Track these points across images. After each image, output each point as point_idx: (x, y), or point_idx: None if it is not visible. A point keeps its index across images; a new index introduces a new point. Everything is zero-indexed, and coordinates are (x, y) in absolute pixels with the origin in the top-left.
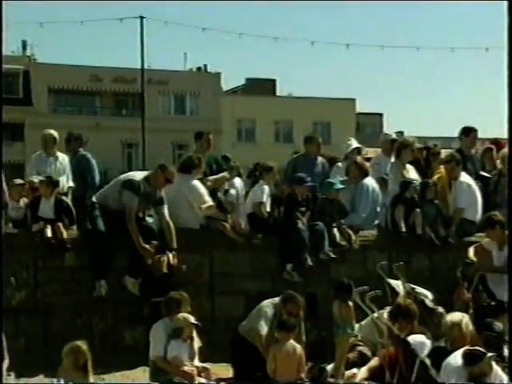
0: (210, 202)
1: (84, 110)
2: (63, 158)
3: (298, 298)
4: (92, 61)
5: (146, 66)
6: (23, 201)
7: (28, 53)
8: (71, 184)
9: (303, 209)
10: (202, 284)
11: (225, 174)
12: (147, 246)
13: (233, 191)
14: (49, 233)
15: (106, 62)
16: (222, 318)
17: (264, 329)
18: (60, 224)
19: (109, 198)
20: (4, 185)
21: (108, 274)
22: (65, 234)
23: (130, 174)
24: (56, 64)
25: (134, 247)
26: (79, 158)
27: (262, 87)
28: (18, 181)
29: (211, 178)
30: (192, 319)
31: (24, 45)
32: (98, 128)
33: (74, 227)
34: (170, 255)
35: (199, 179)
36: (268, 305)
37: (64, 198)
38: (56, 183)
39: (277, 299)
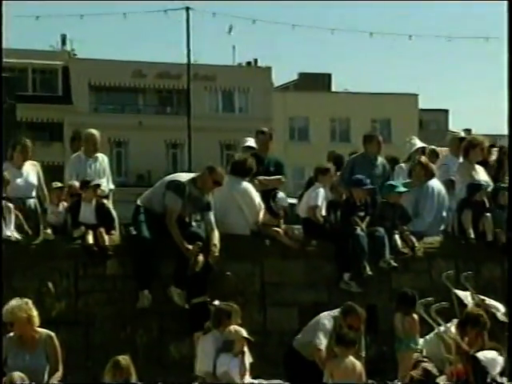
0: (261, 207)
1: (126, 108)
2: (103, 159)
3: (359, 311)
4: (135, 55)
5: (192, 61)
6: (63, 205)
7: (68, 48)
8: (112, 186)
9: (362, 213)
10: (252, 294)
11: (281, 176)
12: (190, 247)
13: (282, 194)
14: (90, 239)
15: (150, 57)
16: (275, 331)
17: (323, 343)
18: (102, 229)
19: (153, 201)
20: (45, 189)
21: (153, 284)
22: (107, 240)
23: (176, 175)
24: (97, 59)
25: (180, 254)
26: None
27: (316, 82)
28: (58, 184)
29: (262, 178)
30: (243, 332)
31: (63, 39)
32: (141, 127)
33: (116, 232)
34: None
35: (250, 180)
36: (327, 317)
37: (105, 201)
38: (97, 186)
39: (336, 311)
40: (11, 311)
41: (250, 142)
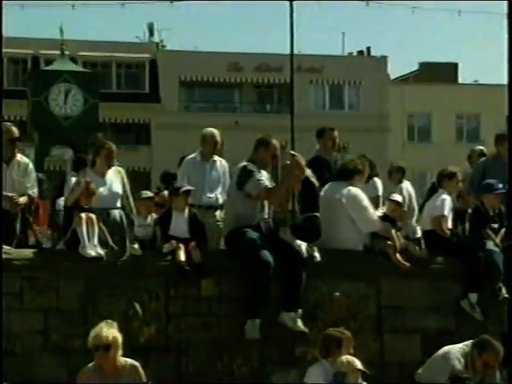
0: (375, 216)
1: (220, 106)
2: (221, 164)
3: (496, 346)
4: (231, 46)
5: (295, 51)
6: (151, 217)
7: (155, 39)
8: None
9: (495, 225)
10: (367, 319)
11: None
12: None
13: (398, 197)
14: (182, 255)
15: (248, 48)
16: (394, 362)
17: None
18: (194, 244)
19: (247, 213)
20: (131, 198)
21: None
22: (200, 257)
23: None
24: (188, 51)
25: (292, 274)
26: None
27: (439, 73)
28: (147, 193)
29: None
30: (357, 363)
31: (151, 29)
32: (238, 127)
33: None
34: None
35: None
36: (456, 355)
37: (218, 213)
38: (187, 193)
39: (466, 345)
40: (94, 339)
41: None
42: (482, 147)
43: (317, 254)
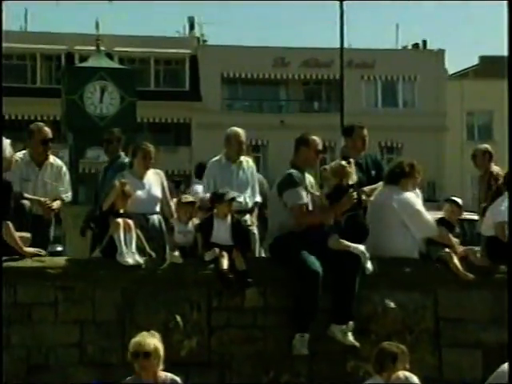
0: (431, 220)
1: (265, 105)
2: (248, 166)
3: None
4: (276, 40)
5: (345, 45)
6: (192, 222)
7: (196, 33)
8: (258, 199)
9: None
10: (424, 332)
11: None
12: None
13: (458, 198)
14: (225, 263)
15: (294, 42)
16: (453, 379)
17: None
18: (238, 252)
19: (284, 223)
20: (171, 203)
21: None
22: (244, 265)
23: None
24: (231, 46)
25: (343, 284)
26: (120, 165)
27: (502, 68)
28: (187, 197)
29: (367, 188)
30: (414, 379)
31: (191, 23)
32: (283, 127)
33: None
34: None
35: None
36: None
37: (248, 217)
38: (231, 200)
39: None
40: (134, 345)
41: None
42: (486, 145)
43: (369, 265)
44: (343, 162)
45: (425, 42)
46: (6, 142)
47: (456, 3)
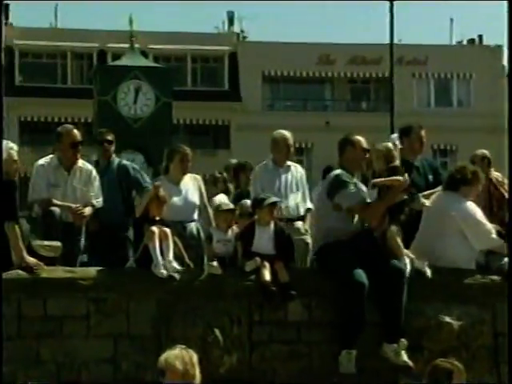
0: (492, 231)
1: (309, 105)
2: (297, 170)
3: None
4: (321, 36)
5: (395, 41)
6: (232, 231)
7: (236, 29)
8: (310, 205)
9: None
10: (481, 348)
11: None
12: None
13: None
14: (267, 274)
15: (340, 37)
16: None
17: None
18: (281, 263)
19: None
20: (209, 209)
21: None
22: (287, 277)
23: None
24: (273, 42)
25: (391, 297)
26: (121, 168)
27: None
28: (227, 204)
29: (425, 193)
30: None
31: (231, 18)
32: (329, 128)
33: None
34: None
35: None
36: None
37: (301, 224)
38: (273, 204)
39: None
40: (165, 358)
41: (395, 140)
42: (484, 150)
43: (427, 269)
44: (389, 145)
45: (481, 38)
46: (11, 146)
47: None
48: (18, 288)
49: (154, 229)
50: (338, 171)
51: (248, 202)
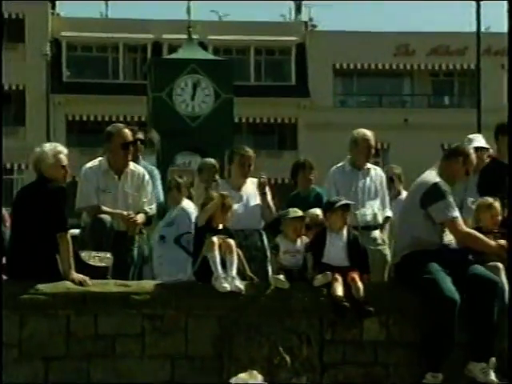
0: None
1: (385, 100)
2: (376, 173)
3: None
4: (398, 25)
5: (482, 29)
6: (301, 240)
7: (304, 17)
8: (389, 213)
9: None
10: None
11: None
12: None
13: None
14: (339, 289)
15: (420, 26)
16: None
17: None
18: (356, 275)
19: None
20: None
21: None
22: (362, 291)
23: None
24: (345, 32)
25: (482, 314)
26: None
27: None
28: (296, 212)
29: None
30: None
31: (298, 6)
32: (407, 126)
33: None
34: None
35: None
36: None
37: (378, 234)
38: (345, 207)
39: None
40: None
41: (479, 141)
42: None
43: None
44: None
45: None
46: (60, 149)
47: None
48: (66, 303)
49: (215, 239)
50: (437, 179)
51: (317, 210)
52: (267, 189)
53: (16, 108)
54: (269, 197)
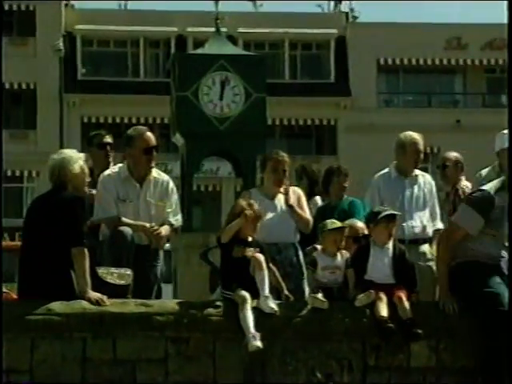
0: None
1: (435, 100)
2: (425, 181)
3: None
4: (449, 16)
5: None
6: (341, 255)
7: (344, 8)
8: (440, 225)
9: None
10: None
11: None
12: None
13: None
14: (384, 309)
15: (473, 17)
16: None
17: None
18: (402, 294)
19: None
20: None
21: None
22: (409, 311)
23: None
24: (389, 23)
25: None
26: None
27: None
28: (335, 223)
29: None
30: None
31: None
32: (460, 128)
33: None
34: None
35: None
36: None
37: (426, 248)
38: (391, 217)
39: None
40: None
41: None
42: (457, 154)
43: None
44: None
45: None
46: (80, 155)
47: None
48: (81, 325)
49: (260, 257)
50: (489, 186)
51: (356, 221)
52: (292, 197)
53: (26, 109)
54: (304, 206)
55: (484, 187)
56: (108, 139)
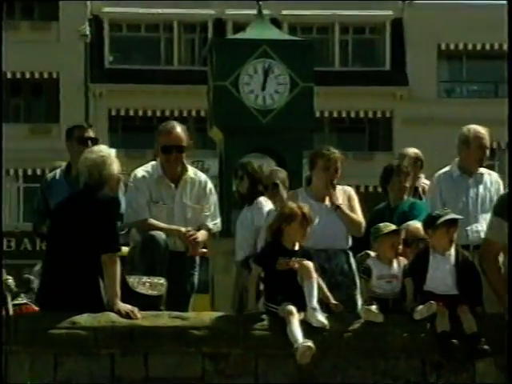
0: None
1: (502, 89)
2: (491, 180)
3: None
4: None
5: None
6: (399, 263)
7: None
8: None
9: None
10: None
11: None
12: None
13: None
14: (446, 323)
15: None
16: None
17: None
18: (466, 306)
19: None
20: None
21: None
22: (474, 326)
23: None
24: (451, 4)
25: None
26: None
27: None
28: (389, 226)
29: None
30: None
31: None
32: None
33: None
34: None
35: None
36: None
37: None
38: (452, 222)
39: None
40: None
41: None
42: (417, 150)
43: None
44: None
45: None
46: (111, 151)
47: None
48: (110, 340)
49: (310, 264)
50: None
51: (417, 223)
52: (340, 197)
53: (48, 101)
54: (355, 207)
55: None
56: (90, 133)
